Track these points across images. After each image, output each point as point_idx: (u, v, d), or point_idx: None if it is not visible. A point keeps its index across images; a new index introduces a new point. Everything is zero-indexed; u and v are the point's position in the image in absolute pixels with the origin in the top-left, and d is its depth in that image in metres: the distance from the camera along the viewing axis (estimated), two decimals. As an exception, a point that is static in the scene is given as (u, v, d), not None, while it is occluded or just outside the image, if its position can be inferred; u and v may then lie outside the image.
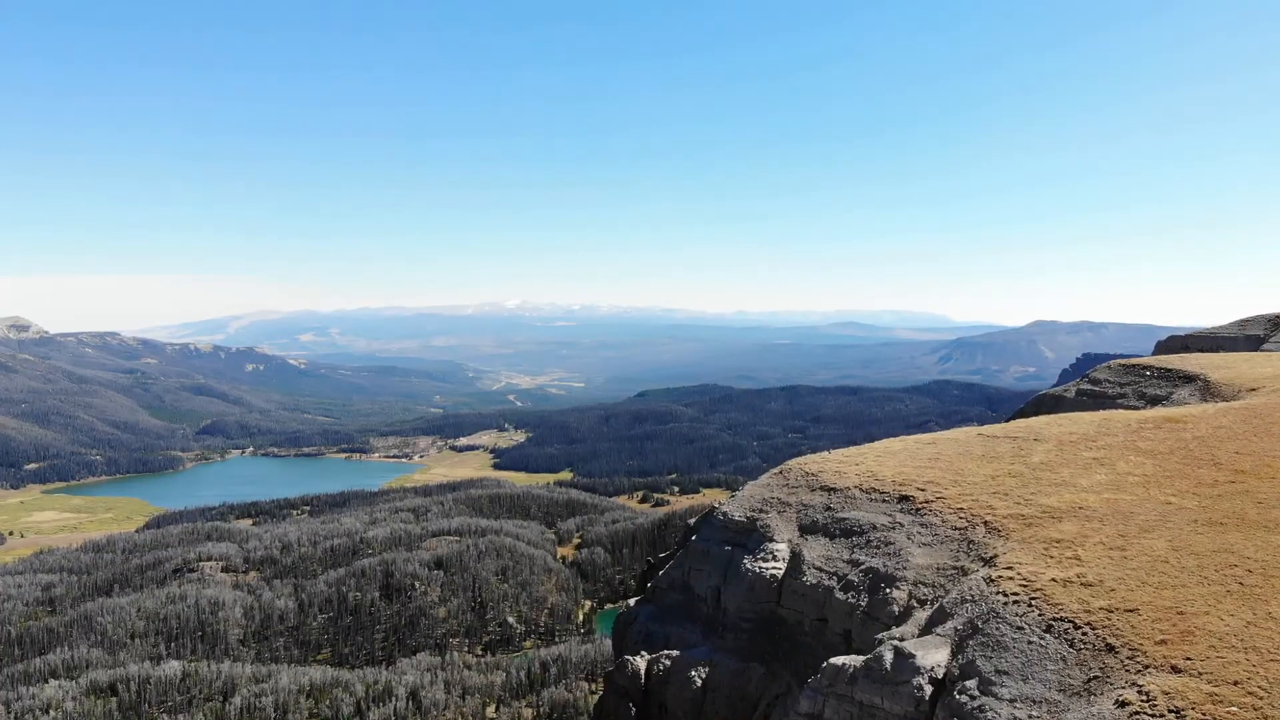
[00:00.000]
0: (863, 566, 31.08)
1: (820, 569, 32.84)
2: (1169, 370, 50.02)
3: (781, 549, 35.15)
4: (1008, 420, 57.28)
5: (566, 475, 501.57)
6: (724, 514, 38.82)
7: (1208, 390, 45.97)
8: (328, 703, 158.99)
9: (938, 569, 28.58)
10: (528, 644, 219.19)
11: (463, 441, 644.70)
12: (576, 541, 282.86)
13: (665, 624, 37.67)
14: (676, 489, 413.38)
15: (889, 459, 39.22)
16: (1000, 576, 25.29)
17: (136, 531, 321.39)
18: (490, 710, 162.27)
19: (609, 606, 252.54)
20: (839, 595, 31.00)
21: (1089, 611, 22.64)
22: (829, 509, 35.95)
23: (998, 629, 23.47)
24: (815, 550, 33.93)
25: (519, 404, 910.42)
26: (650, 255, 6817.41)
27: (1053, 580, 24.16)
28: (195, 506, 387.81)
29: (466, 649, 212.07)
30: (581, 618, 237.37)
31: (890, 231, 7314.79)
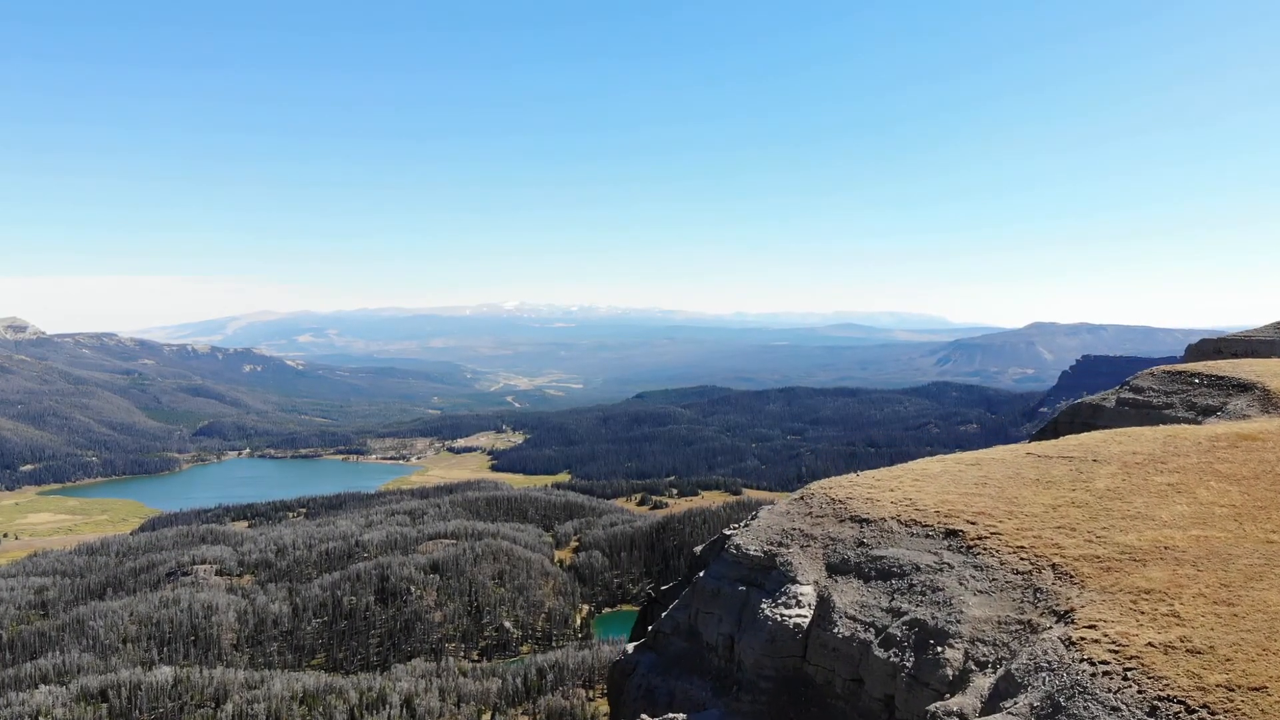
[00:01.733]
0: (906, 617, 26.32)
1: (854, 618, 28.00)
2: (1220, 378, 46.61)
3: (807, 592, 30.25)
4: (1037, 431, 53.50)
5: (564, 477, 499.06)
6: (737, 547, 33.71)
7: (1268, 400, 42.56)
8: (321, 710, 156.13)
9: (999, 623, 24.01)
10: (525, 649, 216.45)
11: (460, 443, 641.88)
12: (574, 545, 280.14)
13: (669, 677, 33.09)
14: (675, 491, 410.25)
15: (928, 483, 34.18)
16: (1082, 638, 20.82)
17: (131, 534, 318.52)
18: (486, 718, 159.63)
19: (607, 611, 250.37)
20: (878, 652, 26.11)
21: (1203, 689, 18.28)
22: (862, 544, 30.90)
23: (1087, 709, 19.19)
24: (847, 595, 29.02)
25: (517, 405, 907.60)
26: (649, 256, 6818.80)
27: (1150, 645, 19.76)
28: (191, 508, 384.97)
29: (462, 654, 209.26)
30: (579, 622, 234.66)
31: (888, 232, 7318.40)
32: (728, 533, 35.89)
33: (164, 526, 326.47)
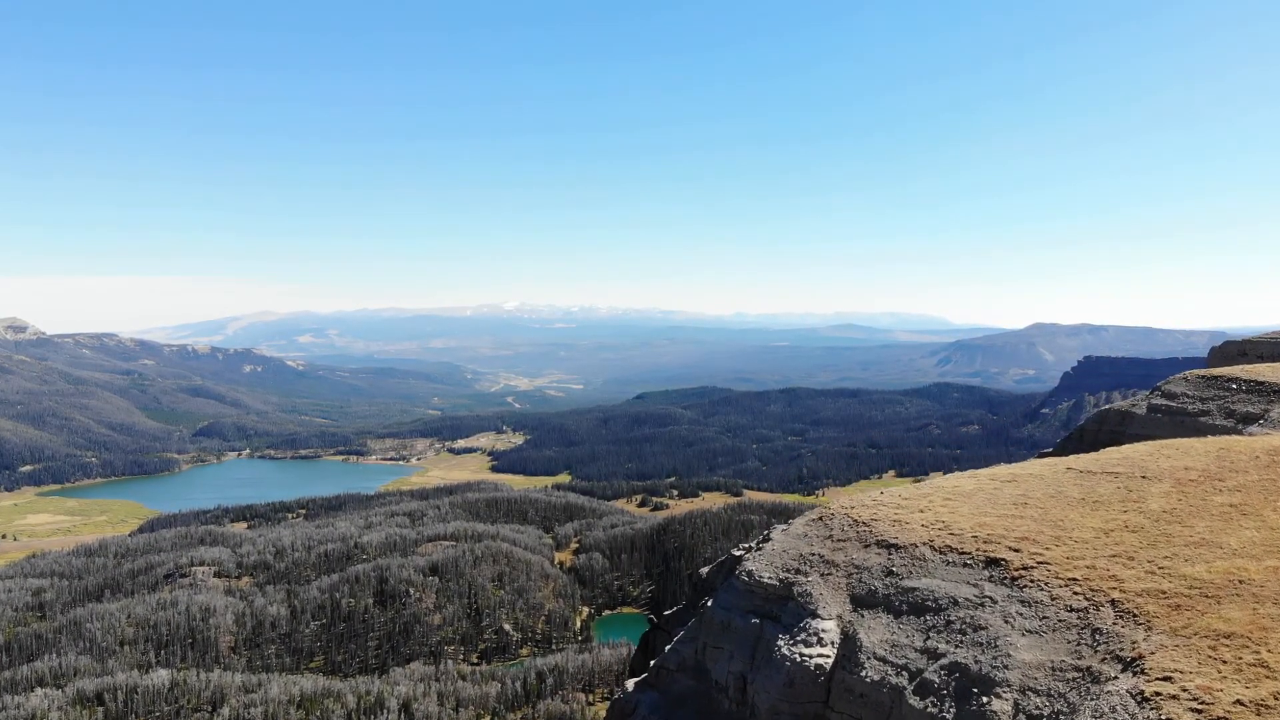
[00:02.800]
0: (944, 660, 23.02)
1: (884, 660, 24.53)
2: (1260, 383, 44.04)
3: (829, 628, 26.66)
4: (1062, 440, 51.10)
5: (565, 478, 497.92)
6: (749, 574, 30.15)
7: (1316, 407, 39.87)
8: (318, 714, 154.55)
9: (1054, 670, 20.78)
10: (524, 652, 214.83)
11: (460, 444, 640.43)
12: (574, 546, 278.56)
13: (673, 720, 29.20)
14: (675, 492, 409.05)
15: (962, 503, 30.88)
16: (1158, 693, 17.64)
17: (129, 535, 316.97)
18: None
19: (607, 613, 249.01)
20: (913, 701, 22.75)
21: None
22: (890, 574, 27.46)
23: None
24: (876, 632, 25.54)
25: (517, 406, 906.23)
26: (649, 257, 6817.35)
27: (1240, 703, 16.54)
28: (190, 510, 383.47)
29: (462, 657, 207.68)
30: (579, 625, 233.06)
31: (888, 233, 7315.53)
32: (737, 553, 32.97)
33: (163, 528, 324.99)
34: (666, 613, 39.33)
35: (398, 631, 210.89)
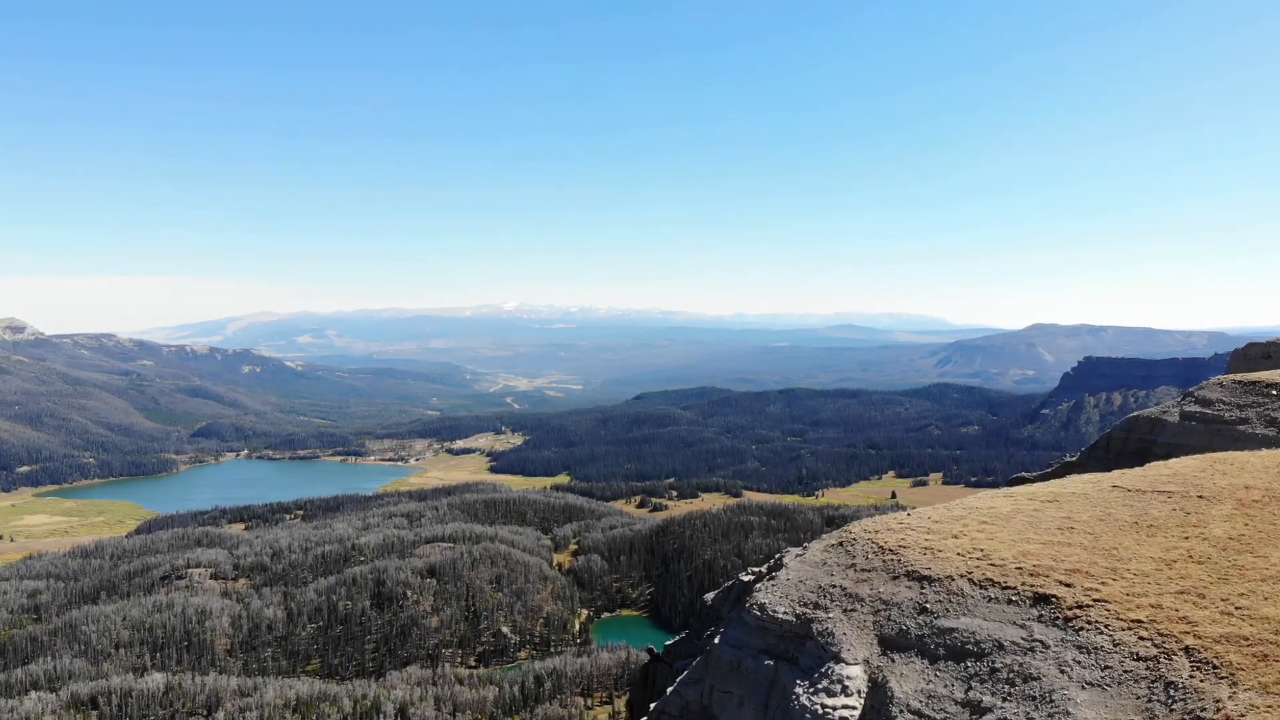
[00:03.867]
0: (991, 716, 19.95)
1: (919, 714, 21.28)
2: None
3: (855, 675, 23.17)
4: (1088, 449, 48.93)
5: (564, 479, 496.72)
6: (761, 607, 26.74)
7: (1361, 415, 37.19)
8: (314, 718, 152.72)
9: None
10: (522, 655, 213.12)
11: (459, 444, 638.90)
12: (573, 548, 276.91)
13: (678, 777, 25.50)
14: (675, 493, 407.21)
15: (1000, 528, 27.67)
16: None
17: (126, 536, 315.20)
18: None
19: (606, 615, 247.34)
20: None
21: None
22: (924, 610, 24.10)
23: None
24: (909, 680, 22.25)
25: (516, 406, 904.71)
26: (649, 257, 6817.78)
27: None
28: (187, 510, 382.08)
29: (459, 660, 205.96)
30: (578, 627, 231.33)
31: (888, 234, 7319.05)
32: (746, 578, 30.24)
33: (160, 529, 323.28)
34: (668, 642, 36.10)
35: (395, 634, 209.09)
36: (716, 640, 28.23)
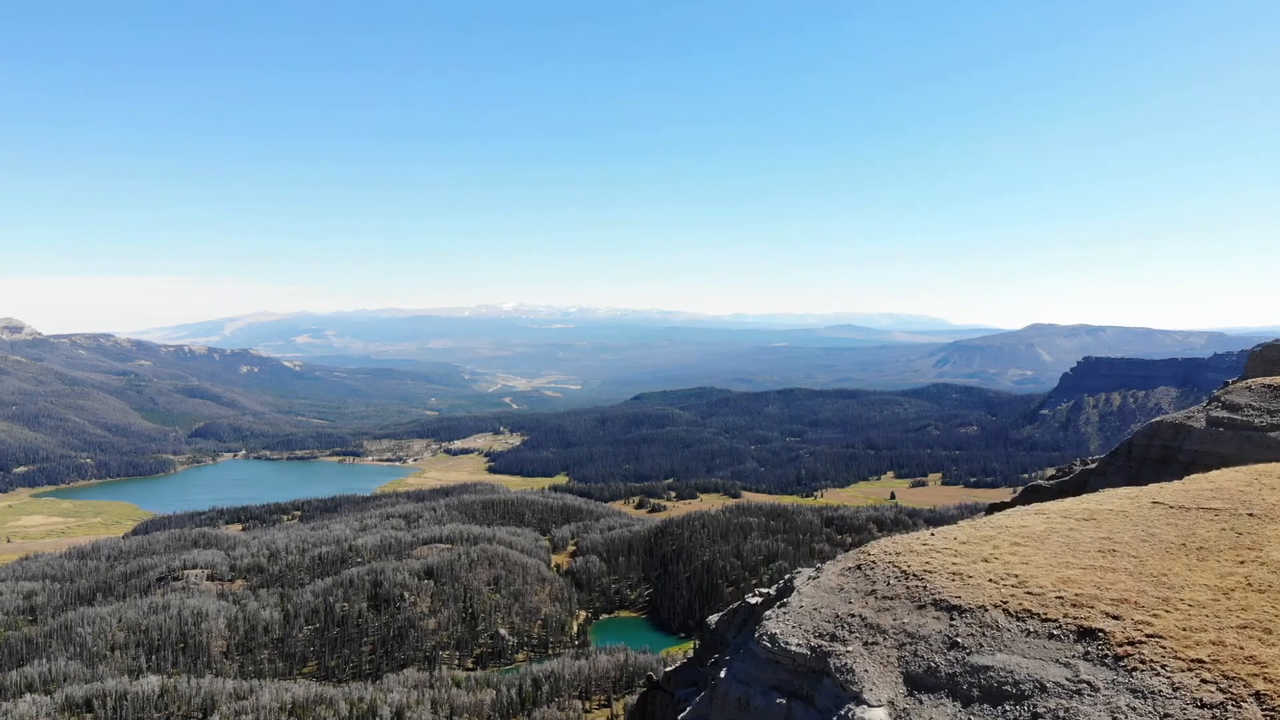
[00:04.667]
0: None
1: None
2: None
3: (878, 718, 20.78)
4: (1107, 455, 47.26)
5: (562, 479, 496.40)
6: (772, 638, 24.17)
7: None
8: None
9: None
10: (520, 657, 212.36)
11: (457, 445, 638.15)
12: (571, 549, 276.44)
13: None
14: (673, 494, 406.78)
15: (1035, 550, 25.22)
16: None
17: (123, 538, 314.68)
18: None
19: (605, 617, 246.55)
20: None
21: None
22: (955, 645, 21.61)
23: None
24: None
25: (515, 406, 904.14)
26: (648, 257, 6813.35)
27: None
28: (185, 511, 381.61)
29: (457, 662, 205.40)
30: (576, 629, 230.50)
31: (887, 234, 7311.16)
32: (754, 601, 28.01)
33: (157, 529, 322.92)
34: (668, 669, 33.42)
35: (392, 636, 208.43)
36: (723, 674, 26.14)
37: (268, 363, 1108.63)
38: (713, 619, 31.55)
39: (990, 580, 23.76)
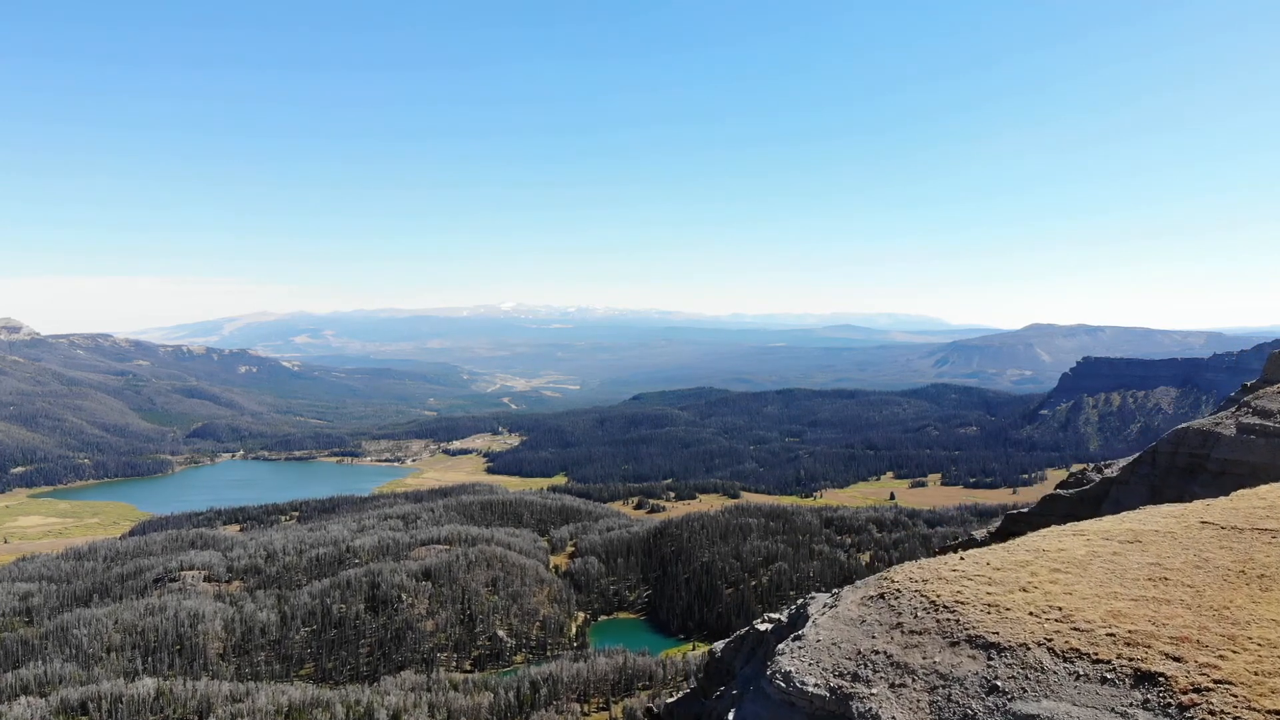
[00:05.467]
0: None
1: None
2: None
3: None
4: (1131, 462, 45.46)
5: (560, 479, 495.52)
6: (786, 677, 21.95)
7: None
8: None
9: None
10: (518, 659, 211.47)
11: (456, 445, 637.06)
12: (570, 550, 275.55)
13: None
14: (672, 494, 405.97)
15: (1078, 578, 22.64)
16: None
17: (120, 538, 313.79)
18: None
19: (603, 618, 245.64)
20: None
21: None
22: (994, 689, 19.06)
23: None
24: None
25: (514, 407, 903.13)
26: (646, 257, 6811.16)
27: None
28: (182, 512, 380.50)
29: (454, 665, 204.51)
30: (574, 631, 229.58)
31: (885, 234, 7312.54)
32: (763, 628, 25.46)
33: (154, 530, 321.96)
34: (669, 700, 31.41)
35: (389, 638, 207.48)
36: (731, 716, 24.03)
37: (266, 363, 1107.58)
38: (718, 646, 29.18)
39: (1031, 613, 21.22)
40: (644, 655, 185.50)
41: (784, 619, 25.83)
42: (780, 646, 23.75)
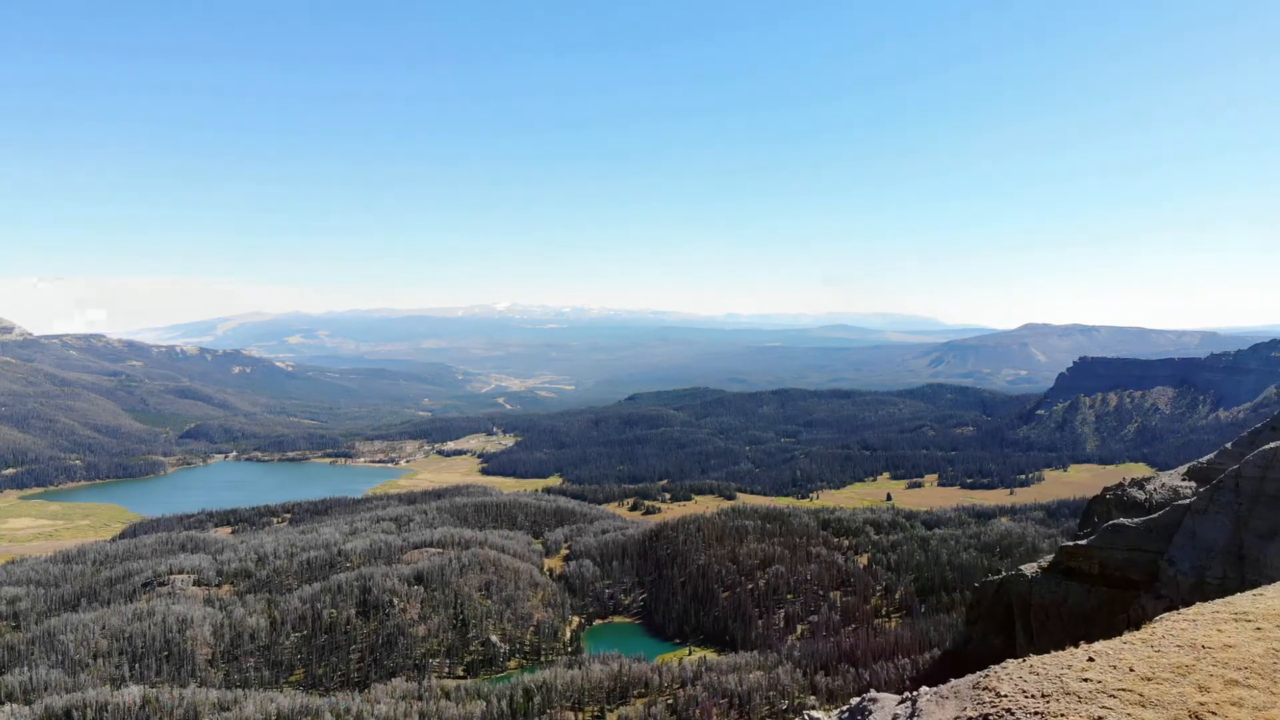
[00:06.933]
0: None
1: None
2: None
3: None
4: (1209, 493, 43.12)
5: (555, 480, 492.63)
6: None
7: None
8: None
9: None
10: (512, 664, 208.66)
11: (450, 445, 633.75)
12: (564, 553, 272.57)
13: None
14: (668, 496, 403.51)
15: (1268, 693, 16.15)
16: None
17: (110, 541, 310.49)
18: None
19: (598, 622, 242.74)
20: None
21: None
22: None
23: None
24: None
25: (508, 407, 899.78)
26: (641, 257, 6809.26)
27: None
28: (174, 514, 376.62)
29: (447, 670, 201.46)
30: (569, 635, 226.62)
31: (880, 233, 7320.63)
32: None
33: (145, 532, 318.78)
34: None
35: (381, 644, 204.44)
36: None
37: (260, 363, 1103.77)
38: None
39: None
40: (640, 661, 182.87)
41: None
42: None
